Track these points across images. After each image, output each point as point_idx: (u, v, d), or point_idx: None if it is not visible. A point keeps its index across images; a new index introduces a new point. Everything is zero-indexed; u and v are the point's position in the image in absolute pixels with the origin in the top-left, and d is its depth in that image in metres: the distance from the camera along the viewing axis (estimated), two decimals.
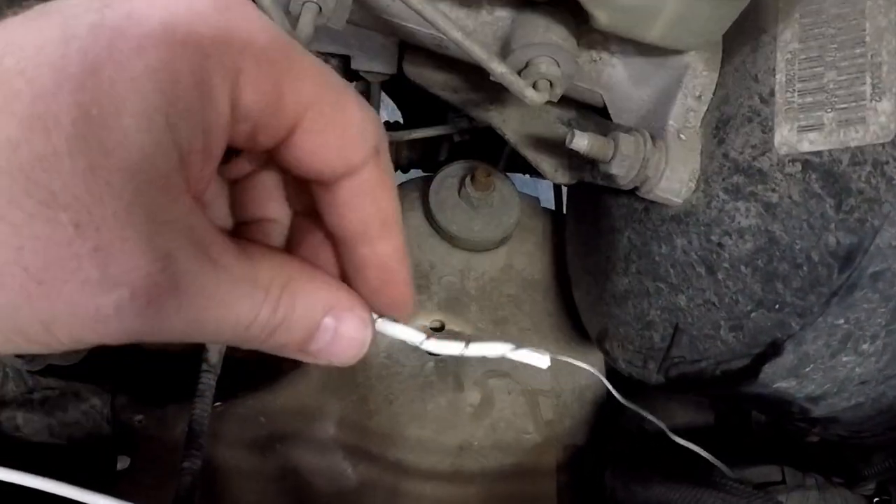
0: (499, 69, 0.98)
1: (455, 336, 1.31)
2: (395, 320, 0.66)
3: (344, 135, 0.53)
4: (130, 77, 0.45)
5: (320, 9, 0.99)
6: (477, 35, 1.01)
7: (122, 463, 1.26)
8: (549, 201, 1.60)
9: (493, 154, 1.47)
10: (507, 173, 1.57)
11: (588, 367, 0.88)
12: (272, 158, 0.57)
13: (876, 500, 1.29)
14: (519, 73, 1.01)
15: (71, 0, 0.47)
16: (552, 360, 1.25)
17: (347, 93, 0.53)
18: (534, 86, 1.01)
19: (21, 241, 0.44)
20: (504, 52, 1.02)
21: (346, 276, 0.63)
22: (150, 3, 0.47)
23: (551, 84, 1.02)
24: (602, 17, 0.94)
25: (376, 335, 0.62)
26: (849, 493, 1.27)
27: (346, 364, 0.60)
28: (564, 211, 1.48)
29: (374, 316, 0.64)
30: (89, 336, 0.48)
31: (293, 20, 0.99)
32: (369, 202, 0.57)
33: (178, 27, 0.46)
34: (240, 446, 1.29)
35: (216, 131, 0.49)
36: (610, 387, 1.00)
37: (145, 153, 0.45)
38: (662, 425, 1.14)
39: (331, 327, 0.58)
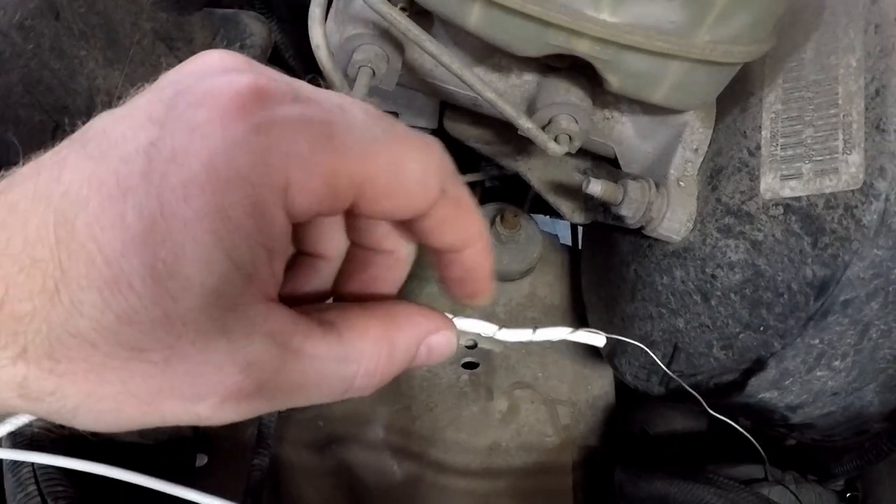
0: (526, 125, 1.00)
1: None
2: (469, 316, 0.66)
3: (405, 194, 0.51)
4: (183, 225, 0.45)
5: (374, 72, 1.01)
6: (507, 96, 1.00)
7: (201, 461, 1.28)
8: (566, 239, 1.61)
9: (520, 198, 1.48)
10: (532, 214, 1.57)
11: (633, 341, 0.96)
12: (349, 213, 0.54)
13: (848, 495, 1.29)
14: (543, 128, 1.02)
15: (122, 129, 0.48)
16: (577, 367, 1.26)
17: (404, 150, 0.51)
18: (555, 139, 1.02)
19: (124, 378, 0.47)
20: (530, 110, 1.02)
21: (439, 271, 0.61)
22: (191, 140, 0.46)
23: (570, 138, 1.03)
24: (614, 81, 0.95)
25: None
26: (821, 488, 1.27)
27: (444, 361, 0.61)
28: (580, 247, 1.48)
29: (452, 316, 0.63)
30: (200, 423, 0.51)
31: (350, 82, 1.00)
32: (447, 229, 0.56)
33: (220, 165, 0.45)
34: (301, 447, 1.30)
35: (276, 240, 0.48)
36: (667, 370, 1.01)
37: (209, 289, 0.46)
38: (701, 400, 1.13)
39: (424, 353, 0.58)
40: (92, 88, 0.94)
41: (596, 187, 1.05)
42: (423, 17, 0.96)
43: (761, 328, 1.02)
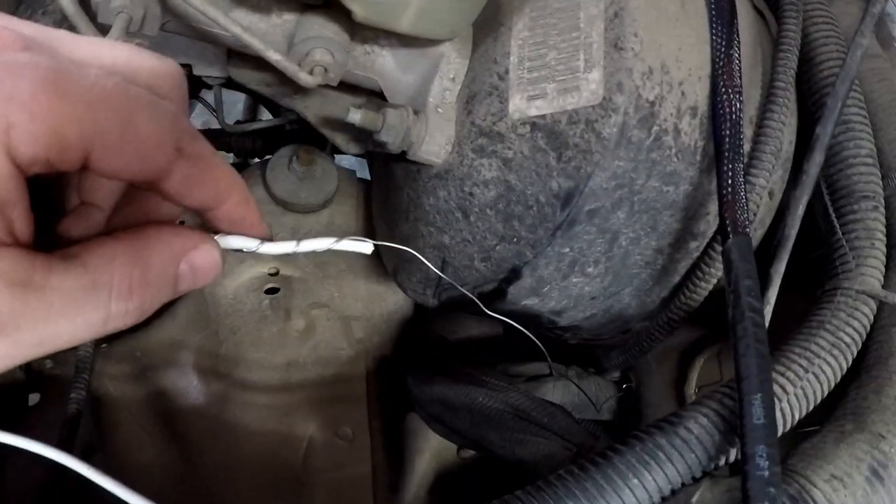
0: (274, 57, 0.88)
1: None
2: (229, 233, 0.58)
3: (135, 150, 0.45)
4: None
5: (131, 18, 0.86)
6: (269, 35, 0.91)
7: (34, 400, 1.18)
8: (365, 174, 1.51)
9: (322, 139, 1.36)
10: (335, 155, 1.53)
11: (402, 247, 0.97)
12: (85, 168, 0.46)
13: (624, 385, 1.26)
14: (300, 63, 0.91)
15: None
16: (371, 286, 1.24)
17: (136, 107, 0.44)
18: (311, 71, 0.91)
19: None
20: (290, 46, 0.91)
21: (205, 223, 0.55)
22: None
23: (326, 70, 0.92)
24: (359, 11, 0.83)
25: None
26: (601, 379, 1.23)
27: (212, 281, 0.55)
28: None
29: (214, 236, 0.57)
30: None
31: (105, 30, 0.87)
32: (193, 188, 0.49)
33: None
34: (119, 379, 1.20)
35: (3, 186, 0.41)
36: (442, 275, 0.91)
37: None
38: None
39: (187, 269, 0.52)
40: None
41: (356, 116, 0.94)
42: None
43: (514, 239, 0.92)
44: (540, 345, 1.10)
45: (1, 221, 0.42)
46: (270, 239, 0.60)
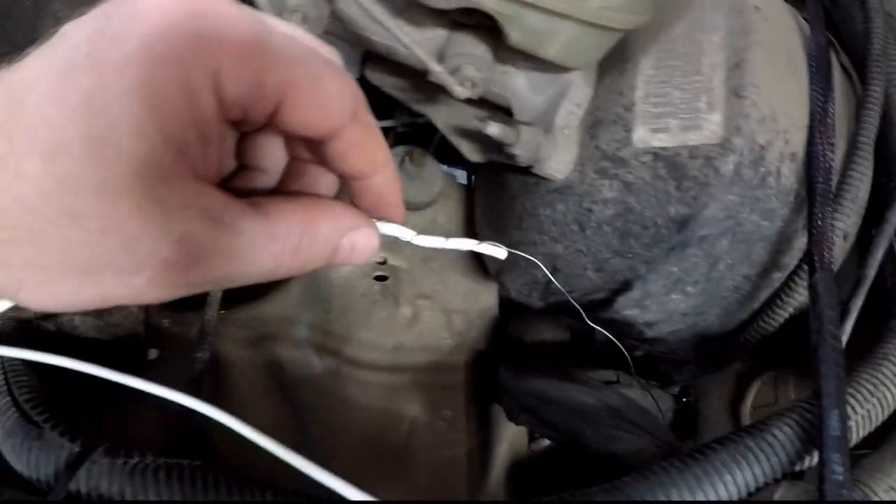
0: (436, 69, 0.96)
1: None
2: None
3: (322, 106, 0.48)
4: (117, 96, 0.42)
5: (304, 17, 0.96)
6: (422, 46, 0.96)
7: (152, 355, 1.23)
8: (463, 180, 1.56)
9: (426, 144, 1.43)
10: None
11: (531, 258, 1.00)
12: (271, 123, 0.50)
13: (683, 399, 1.32)
14: (450, 75, 0.98)
15: (76, 25, 0.46)
16: (469, 283, 1.29)
17: (324, 69, 0.48)
18: (460, 84, 0.98)
19: (64, 246, 0.44)
20: (440, 59, 0.98)
21: (352, 201, 0.59)
22: (133, 21, 0.43)
23: (473, 84, 0.99)
24: (514, 36, 0.91)
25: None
26: (662, 392, 1.29)
27: (365, 261, 0.59)
28: (473, 185, 1.46)
29: (372, 220, 0.60)
30: (139, 301, 0.49)
31: None
32: (357, 153, 0.53)
33: (156, 42, 0.43)
34: (238, 344, 1.26)
35: (206, 123, 0.45)
36: (549, 275, 1.03)
37: (143, 158, 0.43)
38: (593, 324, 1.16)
39: (347, 245, 0.55)
40: (57, 26, 0.88)
41: (493, 129, 1.01)
42: None
43: (629, 255, 0.99)
44: (628, 357, 1.13)
45: (209, 160, 0.47)
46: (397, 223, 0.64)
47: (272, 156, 0.58)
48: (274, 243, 0.50)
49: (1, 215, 0.43)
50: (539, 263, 1.00)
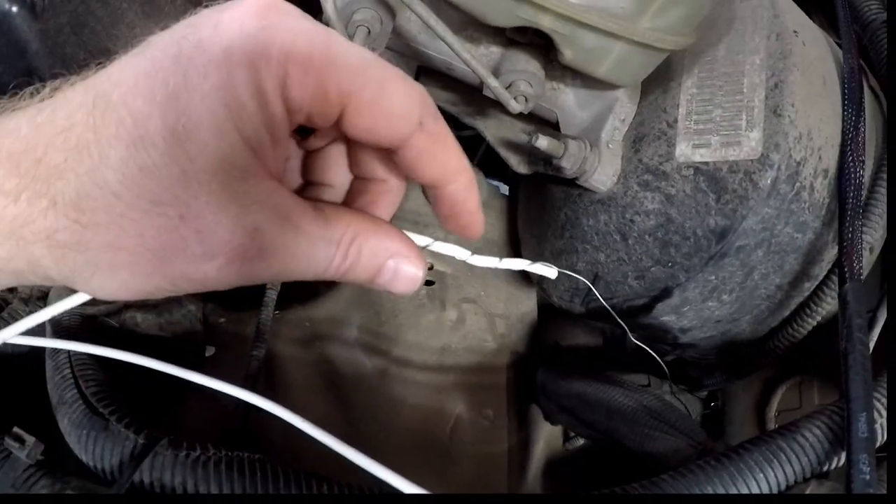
0: (493, 83, 0.98)
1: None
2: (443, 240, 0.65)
3: (386, 114, 0.51)
4: (201, 97, 0.45)
5: (369, 31, 1.00)
6: (479, 61, 0.98)
7: (209, 352, 1.26)
8: (504, 192, 1.59)
9: (470, 156, 1.47)
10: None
11: (580, 278, 1.04)
12: (339, 134, 0.55)
13: (712, 404, 1.36)
14: (505, 89, 1.01)
15: (162, 34, 0.49)
16: (510, 289, 1.26)
17: (388, 78, 0.51)
18: (514, 99, 1.01)
19: (142, 230, 0.47)
20: (495, 75, 1.01)
21: (433, 208, 0.60)
22: (215, 31, 0.47)
23: (526, 99, 1.02)
24: (568, 54, 0.94)
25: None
26: (690, 396, 1.32)
27: (405, 294, 0.59)
28: (516, 196, 1.48)
29: (430, 240, 0.63)
30: (204, 288, 0.50)
31: (348, 38, 0.98)
32: (427, 162, 0.55)
33: (234, 50, 0.46)
34: (291, 342, 1.29)
35: (276, 126, 0.48)
36: (594, 290, 1.04)
37: (222, 155, 0.46)
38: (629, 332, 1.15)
39: (392, 268, 0.56)
40: (130, 35, 0.92)
41: (542, 142, 1.04)
42: None
43: (670, 264, 1.02)
44: (663, 364, 1.19)
45: (277, 160, 0.50)
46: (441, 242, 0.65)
47: (336, 173, 0.62)
48: (329, 247, 0.53)
49: (83, 199, 0.46)
50: (586, 282, 1.05)
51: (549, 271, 0.72)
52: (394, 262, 0.56)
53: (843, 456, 0.76)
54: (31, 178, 0.47)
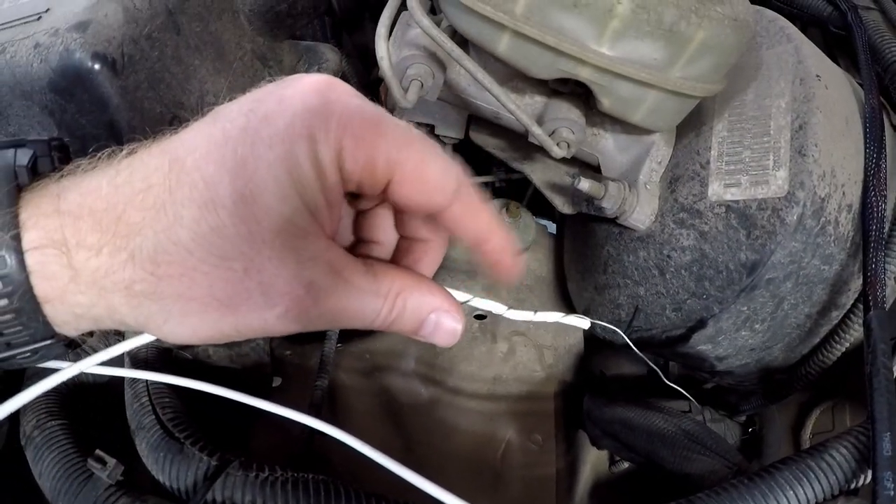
0: (537, 131, 1.02)
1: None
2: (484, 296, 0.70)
3: (428, 184, 0.54)
4: (267, 165, 0.48)
5: (422, 85, 1.04)
6: (524, 111, 1.01)
7: (276, 382, 1.30)
8: (552, 230, 1.60)
9: (520, 196, 1.50)
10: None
11: (613, 328, 1.06)
12: (385, 198, 0.57)
13: (750, 429, 1.34)
14: (549, 136, 1.04)
15: (231, 106, 0.52)
16: (551, 324, 1.27)
17: (429, 152, 0.54)
18: (557, 145, 1.04)
19: (211, 282, 0.50)
20: (539, 123, 1.04)
21: (477, 261, 0.62)
22: (280, 106, 0.50)
23: (569, 145, 1.05)
24: (606, 102, 0.97)
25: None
26: (729, 420, 1.31)
27: (446, 346, 0.61)
28: (562, 234, 1.50)
29: (469, 296, 0.68)
30: (265, 333, 0.54)
31: (403, 92, 1.03)
32: (464, 225, 0.58)
33: (297, 126, 0.49)
34: (353, 373, 1.32)
35: (331, 192, 0.52)
36: (628, 340, 1.04)
37: (284, 217, 0.49)
38: (658, 370, 1.21)
39: (433, 321, 0.59)
40: (202, 90, 0.96)
41: (584, 184, 1.08)
42: (461, 46, 0.97)
43: (704, 296, 1.03)
44: (689, 396, 1.19)
45: (332, 222, 0.53)
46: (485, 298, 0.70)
47: (384, 232, 0.64)
48: (376, 300, 0.55)
49: (159, 254, 0.49)
50: (619, 332, 1.06)
51: (583, 322, 0.77)
52: (435, 315, 0.59)
53: (870, 474, 0.77)
54: (111, 234, 0.50)
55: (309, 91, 0.51)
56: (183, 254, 0.49)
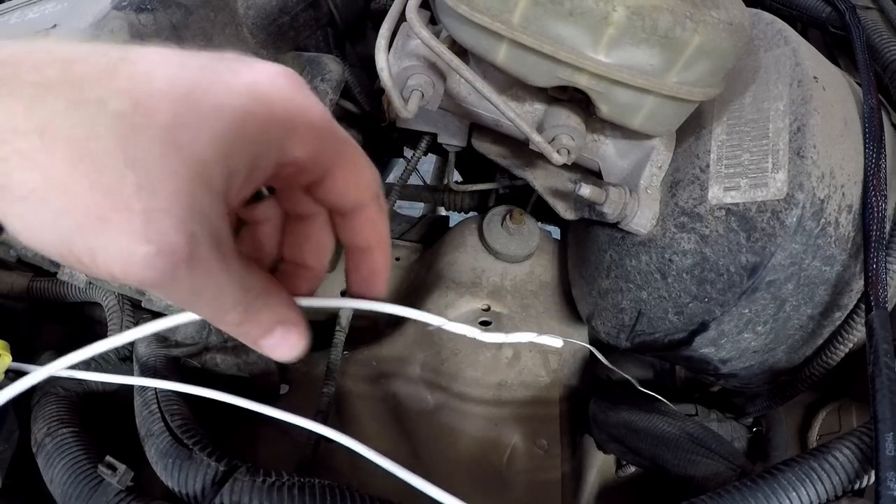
0: (537, 139, 1.02)
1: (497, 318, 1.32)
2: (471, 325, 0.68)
3: (358, 182, 0.57)
4: (216, 117, 0.46)
5: (423, 95, 1.04)
6: (524, 118, 1.02)
7: (283, 390, 1.31)
8: (556, 235, 1.61)
9: (524, 203, 1.50)
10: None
11: (583, 343, 1.04)
12: (308, 195, 0.58)
13: (755, 429, 1.33)
14: (549, 143, 1.04)
15: (220, 63, 0.49)
16: (563, 327, 1.27)
17: (362, 156, 0.57)
18: (557, 152, 1.04)
19: (93, 185, 0.43)
20: (539, 130, 1.05)
21: (350, 269, 0.63)
22: (235, 80, 0.48)
23: (569, 151, 1.06)
24: (604, 109, 0.97)
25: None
26: (736, 423, 1.31)
27: (283, 361, 0.58)
28: (566, 239, 1.49)
29: (443, 319, 0.66)
30: (118, 273, 0.46)
31: (404, 102, 1.04)
32: (369, 228, 0.60)
33: (254, 103, 0.48)
34: (359, 380, 1.32)
35: (261, 168, 0.50)
36: (596, 352, 1.04)
37: (205, 163, 0.45)
38: (632, 380, 1.19)
39: (278, 334, 0.57)
40: None
41: (585, 190, 1.07)
42: (461, 56, 0.98)
43: (706, 299, 1.03)
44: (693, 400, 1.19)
45: (238, 196, 0.50)
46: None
47: (268, 242, 0.63)
48: (239, 291, 0.52)
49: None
50: (593, 350, 1.04)
51: (555, 342, 0.73)
52: (281, 328, 0.57)
53: (873, 474, 0.77)
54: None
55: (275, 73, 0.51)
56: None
